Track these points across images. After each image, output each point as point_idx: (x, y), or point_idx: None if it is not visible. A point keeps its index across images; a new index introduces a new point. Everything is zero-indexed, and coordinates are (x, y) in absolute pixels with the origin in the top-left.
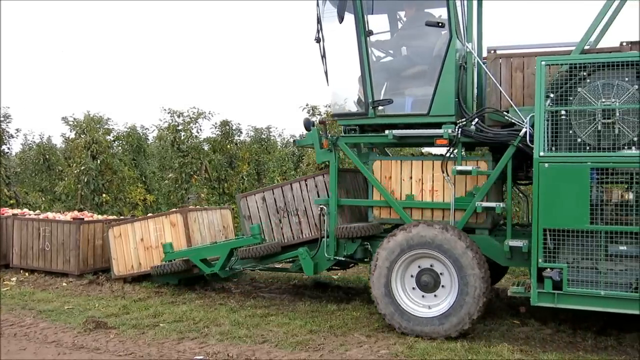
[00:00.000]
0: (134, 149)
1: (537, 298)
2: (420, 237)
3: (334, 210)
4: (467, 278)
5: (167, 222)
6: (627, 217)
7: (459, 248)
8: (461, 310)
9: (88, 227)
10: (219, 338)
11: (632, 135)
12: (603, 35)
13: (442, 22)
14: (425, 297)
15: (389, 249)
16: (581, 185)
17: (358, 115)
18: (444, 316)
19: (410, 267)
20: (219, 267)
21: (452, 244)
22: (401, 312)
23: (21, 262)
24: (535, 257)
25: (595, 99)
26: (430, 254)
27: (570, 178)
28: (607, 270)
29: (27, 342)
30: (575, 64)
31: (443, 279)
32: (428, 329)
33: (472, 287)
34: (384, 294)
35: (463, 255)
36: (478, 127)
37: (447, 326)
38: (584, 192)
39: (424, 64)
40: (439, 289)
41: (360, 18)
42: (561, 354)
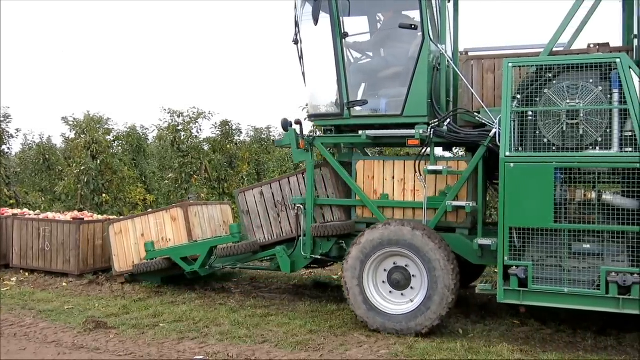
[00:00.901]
0: (134, 149)
1: (503, 295)
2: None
3: (311, 209)
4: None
5: (168, 217)
6: (591, 216)
7: (429, 246)
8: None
9: (88, 227)
10: (219, 338)
11: (596, 136)
12: (578, 36)
13: (415, 25)
14: (396, 294)
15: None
16: (545, 185)
17: (334, 115)
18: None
19: (382, 265)
20: (198, 265)
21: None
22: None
23: (21, 262)
24: (501, 255)
25: (561, 100)
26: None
27: (535, 178)
28: (572, 268)
29: (27, 342)
30: (542, 66)
31: (413, 277)
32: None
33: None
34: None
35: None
36: (450, 127)
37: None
38: (548, 192)
39: (398, 66)
40: (410, 286)
41: (336, 20)
42: (561, 354)
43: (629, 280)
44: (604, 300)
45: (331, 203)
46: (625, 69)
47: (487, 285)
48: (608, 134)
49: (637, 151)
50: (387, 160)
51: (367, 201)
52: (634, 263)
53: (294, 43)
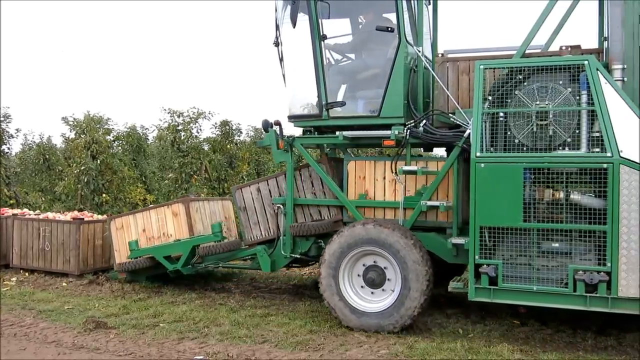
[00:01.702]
0: (134, 149)
1: (474, 293)
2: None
3: (291, 208)
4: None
5: (169, 212)
6: (559, 216)
7: (403, 245)
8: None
9: (88, 227)
10: (219, 338)
11: (565, 136)
12: (555, 38)
13: (392, 28)
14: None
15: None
16: (515, 185)
17: (312, 117)
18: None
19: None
20: (181, 264)
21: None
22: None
23: (21, 262)
24: (472, 254)
25: (531, 101)
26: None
27: (505, 178)
28: (541, 267)
29: (27, 342)
30: (513, 68)
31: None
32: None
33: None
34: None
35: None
36: (426, 128)
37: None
38: (517, 191)
39: (376, 68)
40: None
41: (315, 22)
42: (561, 354)
43: (596, 279)
44: (571, 298)
45: (310, 203)
46: (593, 70)
47: (459, 283)
48: (577, 135)
49: (604, 152)
50: (379, 161)
51: (345, 201)
52: (601, 261)
53: (275, 45)
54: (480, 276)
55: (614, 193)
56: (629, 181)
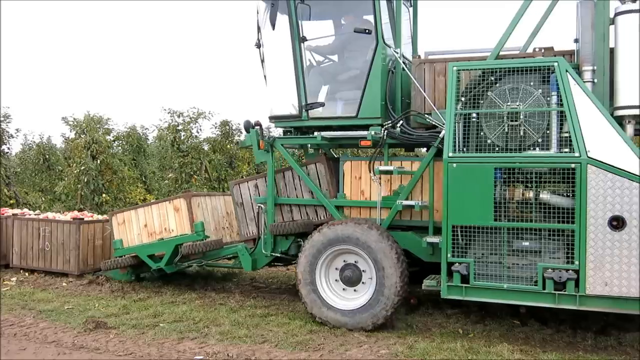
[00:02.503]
0: (134, 149)
1: (447, 291)
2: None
3: (271, 208)
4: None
5: (171, 208)
6: (529, 215)
7: (378, 244)
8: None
9: (88, 227)
10: (219, 338)
11: (536, 137)
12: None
13: (369, 29)
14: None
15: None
16: (486, 184)
17: (292, 117)
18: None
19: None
20: (164, 263)
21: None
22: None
23: (21, 262)
24: (445, 252)
25: (503, 102)
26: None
27: (476, 177)
28: (512, 265)
29: (27, 342)
30: (486, 69)
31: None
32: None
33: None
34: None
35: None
36: (403, 129)
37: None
38: (488, 191)
39: (355, 69)
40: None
41: (295, 24)
42: (561, 354)
43: (564, 277)
44: (541, 296)
45: (291, 202)
46: (562, 72)
47: (432, 281)
48: (547, 135)
49: (572, 152)
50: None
51: (324, 200)
52: (569, 260)
53: (257, 47)
54: (452, 274)
55: (581, 192)
56: (596, 181)
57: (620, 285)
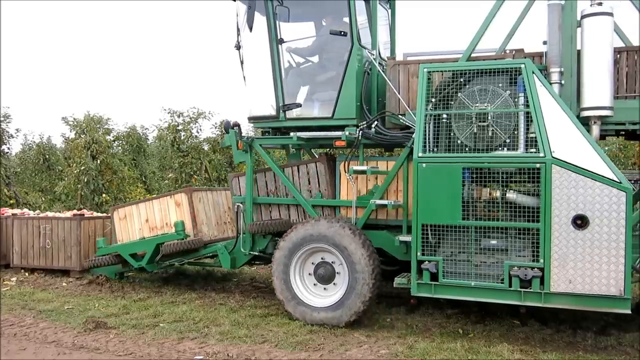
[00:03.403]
0: (134, 149)
1: (417, 288)
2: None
3: (250, 207)
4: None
5: (172, 202)
6: (496, 214)
7: (350, 242)
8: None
9: (89, 223)
10: (219, 338)
11: (504, 137)
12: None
13: (345, 32)
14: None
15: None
16: (454, 184)
17: (270, 118)
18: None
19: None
20: (145, 262)
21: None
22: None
23: (22, 262)
24: (415, 251)
25: (472, 103)
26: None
27: (445, 177)
28: (480, 263)
29: (27, 342)
30: (456, 71)
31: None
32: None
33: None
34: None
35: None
36: (377, 129)
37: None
38: (456, 191)
39: (331, 70)
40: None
41: (272, 26)
42: (561, 354)
43: (529, 274)
44: (507, 293)
45: (270, 202)
46: (528, 74)
47: (403, 279)
48: (515, 136)
49: (538, 152)
50: (370, 161)
51: (301, 200)
52: (534, 258)
53: (236, 49)
54: (422, 272)
55: (546, 192)
56: (561, 180)
57: (583, 283)
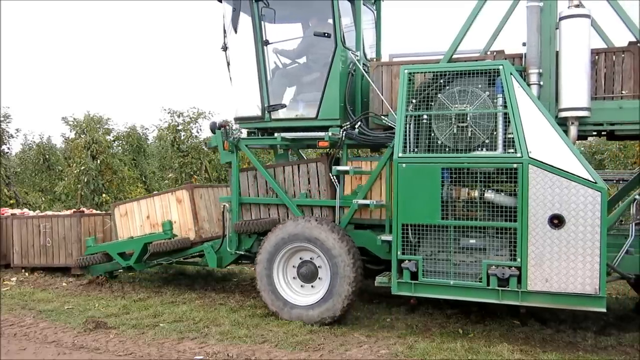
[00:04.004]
0: (134, 149)
1: (397, 287)
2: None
3: (236, 207)
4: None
5: (174, 199)
6: (475, 213)
7: (331, 241)
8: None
9: (89, 219)
10: (219, 338)
11: (483, 138)
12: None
13: (328, 33)
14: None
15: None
16: (433, 184)
17: (256, 119)
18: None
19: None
20: (133, 261)
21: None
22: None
23: (22, 261)
24: (395, 250)
25: (452, 104)
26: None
27: (424, 177)
28: (460, 262)
29: (27, 342)
30: (437, 72)
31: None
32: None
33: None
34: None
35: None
36: (361, 130)
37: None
38: (435, 190)
39: (316, 71)
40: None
41: (258, 28)
42: (561, 354)
43: (507, 273)
44: (485, 292)
45: (254, 202)
46: (507, 75)
47: (384, 278)
48: (494, 136)
49: (515, 152)
50: (373, 161)
51: (286, 200)
52: (512, 257)
53: (223, 50)
54: (402, 271)
55: (523, 191)
56: (537, 180)
57: (559, 282)
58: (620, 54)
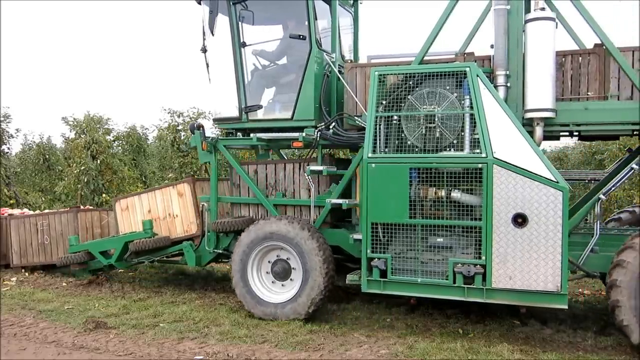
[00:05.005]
0: (134, 149)
1: (367, 285)
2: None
3: (214, 206)
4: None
5: (175, 193)
6: (442, 212)
7: (303, 239)
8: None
9: (85, 215)
10: (219, 338)
11: (451, 138)
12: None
13: (304, 35)
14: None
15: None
16: (401, 184)
17: (233, 119)
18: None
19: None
20: (115, 259)
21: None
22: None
23: (21, 261)
24: (365, 248)
25: (421, 105)
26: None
27: (393, 177)
28: (428, 260)
29: (27, 342)
30: (407, 74)
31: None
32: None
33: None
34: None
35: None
36: (335, 130)
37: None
38: (404, 190)
39: (292, 73)
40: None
41: (235, 30)
42: (561, 354)
43: (472, 271)
44: (452, 289)
45: (232, 201)
46: (473, 77)
47: (355, 276)
48: (461, 137)
49: (480, 153)
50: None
51: (262, 199)
52: (477, 255)
53: (202, 52)
54: (372, 269)
55: (488, 191)
56: (501, 180)
57: (522, 279)
58: (586, 56)
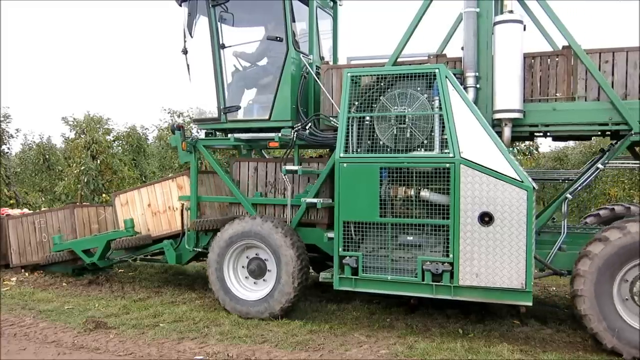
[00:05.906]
0: (134, 149)
1: (339, 283)
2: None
3: (194, 205)
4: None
5: (174, 186)
6: (411, 211)
7: (276, 237)
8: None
9: (82, 210)
10: (219, 338)
11: (421, 139)
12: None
13: (280, 37)
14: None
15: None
16: (372, 183)
17: (213, 120)
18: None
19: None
20: (97, 257)
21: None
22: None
23: (21, 260)
24: (337, 246)
25: (393, 106)
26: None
27: (364, 176)
28: (398, 258)
29: (27, 342)
30: (378, 75)
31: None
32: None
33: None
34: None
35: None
36: (311, 131)
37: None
38: (374, 189)
39: (270, 74)
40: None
41: (214, 31)
42: (561, 354)
43: (440, 269)
44: (421, 287)
45: (212, 200)
46: (442, 78)
47: (327, 274)
48: (431, 137)
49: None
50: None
51: (241, 199)
52: (445, 253)
53: (183, 53)
54: (344, 267)
55: (455, 190)
56: (468, 179)
57: (488, 277)
58: (555, 58)
